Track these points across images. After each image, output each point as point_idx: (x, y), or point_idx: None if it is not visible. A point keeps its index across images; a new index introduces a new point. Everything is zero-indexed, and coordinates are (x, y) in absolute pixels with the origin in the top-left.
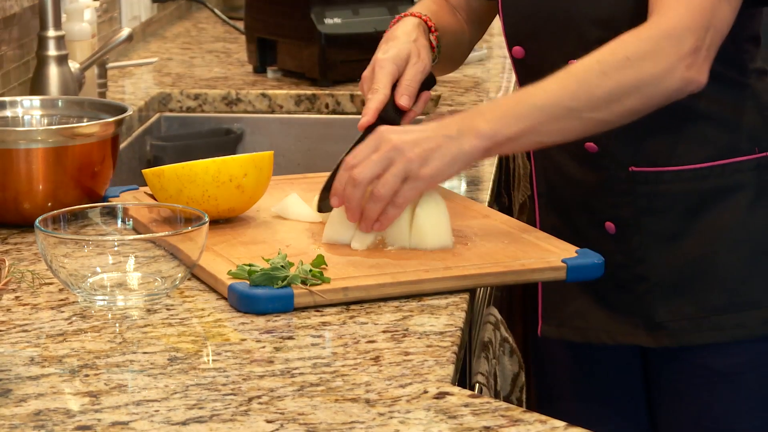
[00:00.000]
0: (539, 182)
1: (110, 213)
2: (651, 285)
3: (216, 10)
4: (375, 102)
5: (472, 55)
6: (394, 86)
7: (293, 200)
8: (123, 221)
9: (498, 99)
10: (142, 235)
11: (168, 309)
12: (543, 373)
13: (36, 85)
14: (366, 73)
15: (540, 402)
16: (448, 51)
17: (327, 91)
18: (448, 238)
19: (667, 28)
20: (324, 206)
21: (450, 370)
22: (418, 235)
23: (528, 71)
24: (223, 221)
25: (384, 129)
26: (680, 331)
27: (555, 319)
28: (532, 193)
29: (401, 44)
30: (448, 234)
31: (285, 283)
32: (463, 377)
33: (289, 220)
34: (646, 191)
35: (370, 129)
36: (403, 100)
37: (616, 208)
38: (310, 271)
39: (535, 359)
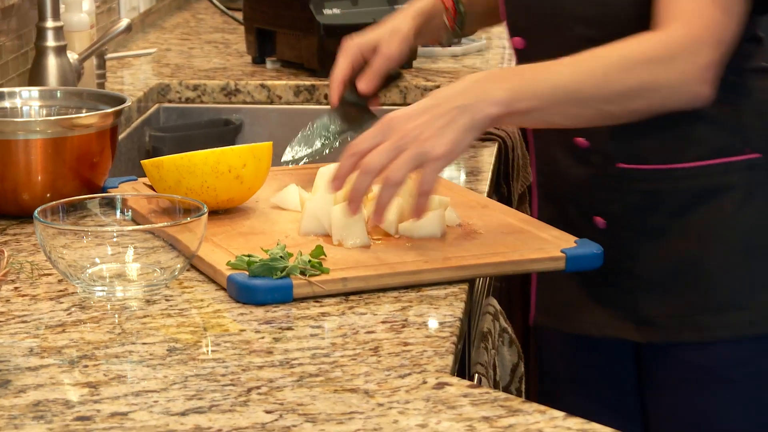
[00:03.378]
0: (538, 173)
1: (109, 204)
2: (639, 281)
3: (215, 1)
4: (334, 85)
5: (472, 45)
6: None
7: (292, 191)
8: (122, 212)
9: (517, 68)
10: (141, 226)
11: (167, 300)
12: (541, 363)
13: (34, 76)
14: (340, 52)
15: (540, 393)
16: (481, 14)
17: (326, 82)
18: (437, 228)
19: (687, 37)
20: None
21: (449, 360)
22: (407, 224)
23: (529, 61)
24: (222, 212)
25: (392, 115)
26: (666, 327)
27: (546, 308)
28: (532, 183)
29: (376, 32)
30: (437, 223)
31: (284, 273)
32: (462, 368)
33: (288, 210)
34: (635, 188)
35: (343, 106)
36: (360, 84)
37: (606, 204)
38: (309, 261)
39: (535, 350)
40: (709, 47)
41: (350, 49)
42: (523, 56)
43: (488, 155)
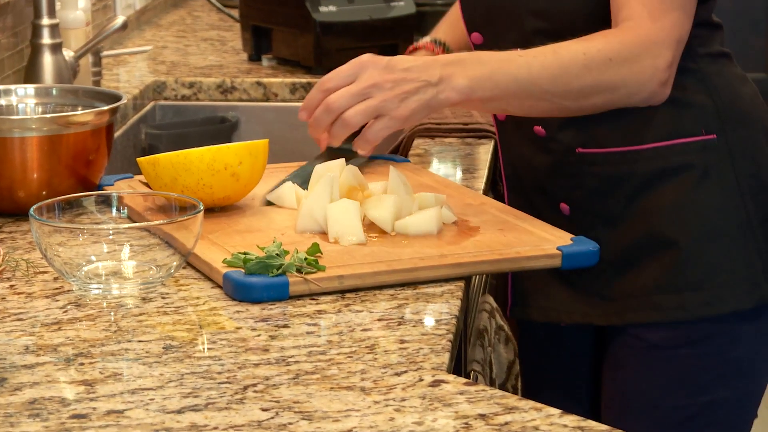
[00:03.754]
0: (505, 165)
1: (105, 201)
2: (604, 265)
3: None
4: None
5: None
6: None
7: (288, 188)
8: (118, 210)
9: (482, 55)
10: (137, 224)
11: (163, 297)
12: (522, 354)
13: (30, 74)
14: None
15: (525, 385)
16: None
17: None
18: (434, 225)
19: (647, 38)
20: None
21: (445, 358)
22: (403, 222)
23: None
24: (218, 209)
25: (368, 60)
26: (624, 309)
27: (522, 299)
28: (500, 177)
29: None
30: (433, 220)
31: (280, 271)
32: (458, 365)
33: (284, 208)
34: (595, 172)
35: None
36: (362, 149)
37: (569, 190)
38: (305, 259)
39: (519, 345)
40: (668, 48)
41: None
42: (482, 50)
43: (484, 153)
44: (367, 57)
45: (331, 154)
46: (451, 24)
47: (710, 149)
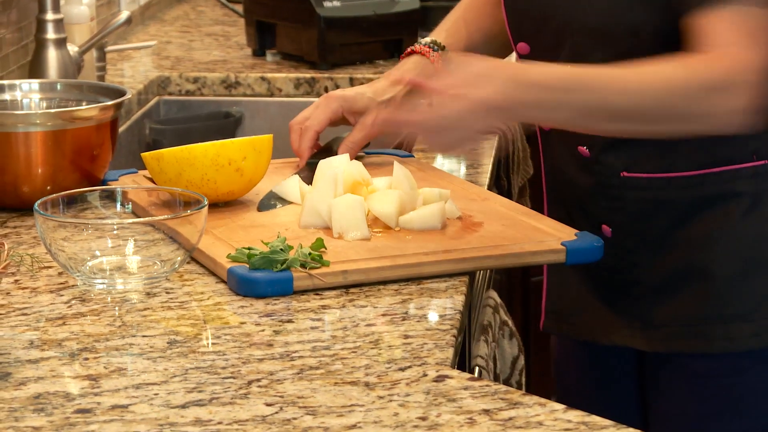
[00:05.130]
0: (547, 176)
1: (109, 197)
2: (644, 289)
3: None
4: (306, 139)
5: None
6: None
7: (294, 183)
8: (122, 205)
9: (567, 75)
10: (142, 219)
11: (167, 292)
12: (557, 366)
13: (35, 69)
14: (319, 99)
15: (560, 396)
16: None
17: (326, 75)
18: (438, 220)
19: (740, 66)
20: (264, 206)
21: (449, 353)
22: (407, 217)
23: None
24: (222, 204)
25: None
26: (671, 337)
27: (555, 314)
28: (542, 185)
29: (364, 94)
30: (438, 216)
31: (284, 266)
32: (462, 360)
33: (288, 203)
34: (638, 197)
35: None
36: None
37: (611, 212)
38: (310, 254)
39: (538, 348)
40: (757, 74)
41: (334, 103)
42: (528, 61)
43: (488, 148)
44: (440, 84)
45: (313, 169)
46: (453, 25)
47: (761, 176)
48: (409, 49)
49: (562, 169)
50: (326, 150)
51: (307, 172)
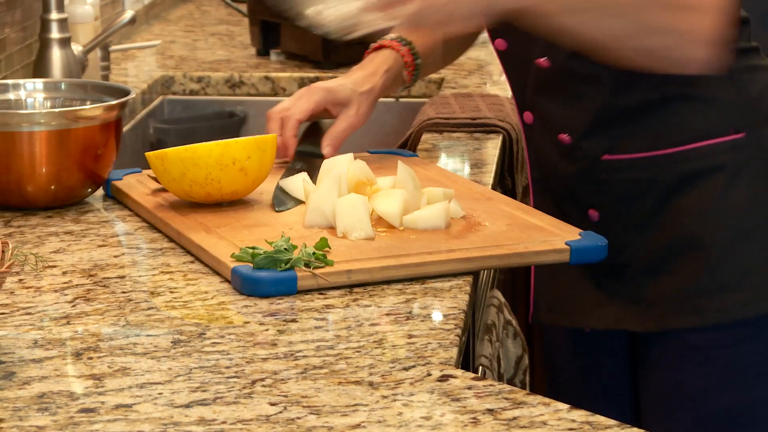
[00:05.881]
0: (533, 169)
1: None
2: (635, 270)
3: None
4: (290, 130)
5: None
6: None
7: (300, 180)
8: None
9: None
10: None
11: (171, 292)
12: (547, 359)
13: (39, 68)
14: (301, 91)
15: (549, 388)
16: (438, 59)
17: (330, 74)
18: (442, 220)
19: None
20: (280, 204)
21: (453, 352)
22: (411, 216)
23: (512, 62)
24: (226, 204)
25: None
26: (663, 314)
27: (546, 304)
28: (528, 180)
29: (345, 85)
30: (442, 215)
31: (288, 266)
32: (466, 360)
33: (301, 201)
34: (622, 178)
35: (302, 157)
36: (327, 150)
37: (596, 196)
38: (314, 253)
39: (540, 345)
40: (717, 11)
41: (316, 95)
42: (506, 57)
43: (493, 147)
44: None
45: (304, 158)
46: None
47: (740, 148)
48: (377, 44)
49: (546, 159)
50: (312, 134)
51: (302, 163)
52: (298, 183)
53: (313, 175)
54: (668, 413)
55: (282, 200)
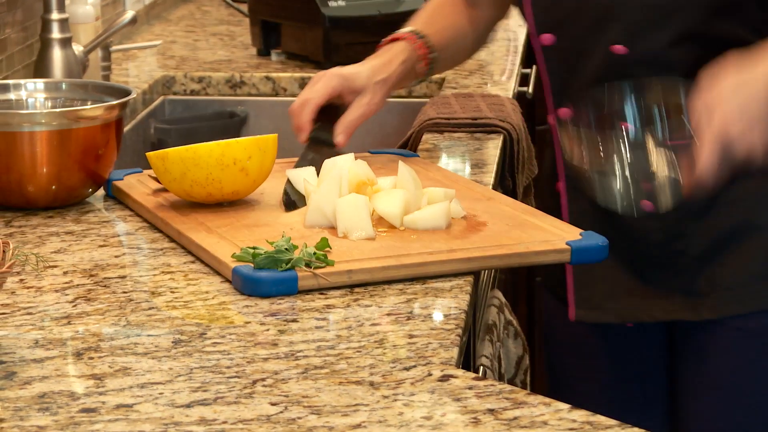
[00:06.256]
0: (566, 166)
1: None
2: (690, 259)
3: None
4: (306, 113)
5: None
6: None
7: (308, 173)
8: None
9: None
10: None
11: (172, 292)
12: (560, 360)
13: (40, 68)
14: (317, 75)
15: (552, 387)
16: (451, 56)
17: None
18: (443, 220)
19: None
20: (289, 205)
21: (454, 352)
22: (412, 216)
23: (560, 57)
24: (227, 204)
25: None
26: (719, 301)
27: (588, 301)
28: (556, 180)
29: (361, 72)
30: (442, 215)
31: (289, 266)
32: (467, 360)
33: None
34: None
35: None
36: (340, 138)
37: None
38: (314, 253)
39: (548, 345)
40: None
41: (333, 80)
42: (553, 52)
43: (493, 148)
44: (724, 118)
45: (316, 144)
46: (430, 15)
47: None
48: (392, 36)
49: None
50: (327, 118)
51: (313, 154)
52: (307, 175)
53: (322, 167)
54: (724, 403)
55: (292, 201)
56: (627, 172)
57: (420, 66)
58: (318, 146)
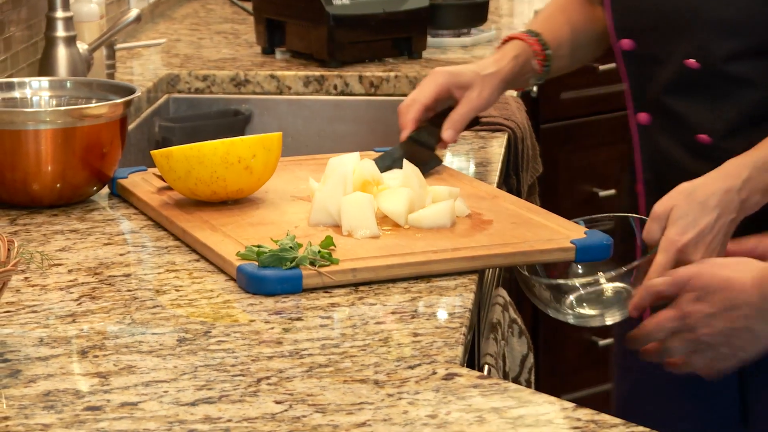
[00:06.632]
0: (645, 169)
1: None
2: None
3: None
4: (412, 111)
5: (481, 35)
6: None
7: (352, 159)
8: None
9: None
10: None
11: (177, 290)
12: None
13: (44, 66)
14: (425, 78)
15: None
16: (569, 53)
17: (335, 73)
18: (447, 219)
19: None
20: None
21: (459, 351)
22: (416, 215)
23: (639, 62)
24: (231, 202)
25: (689, 309)
26: None
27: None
28: (635, 181)
29: (470, 68)
30: (447, 214)
31: (294, 264)
32: (471, 358)
33: (298, 200)
34: None
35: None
36: (447, 134)
37: None
38: (319, 252)
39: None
40: None
41: (440, 78)
42: (632, 58)
43: (498, 146)
44: (687, 301)
45: (411, 145)
46: (547, 16)
47: None
48: (507, 36)
49: (670, 160)
50: (438, 120)
51: (402, 152)
52: (353, 163)
53: (406, 165)
54: None
55: (383, 160)
56: (578, 310)
57: (536, 63)
58: (412, 146)
